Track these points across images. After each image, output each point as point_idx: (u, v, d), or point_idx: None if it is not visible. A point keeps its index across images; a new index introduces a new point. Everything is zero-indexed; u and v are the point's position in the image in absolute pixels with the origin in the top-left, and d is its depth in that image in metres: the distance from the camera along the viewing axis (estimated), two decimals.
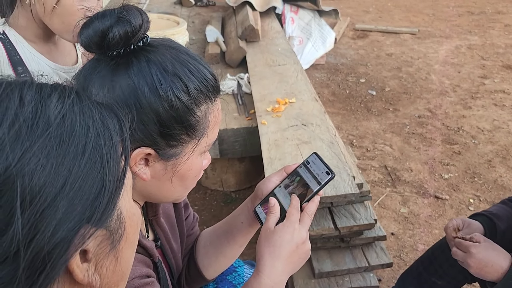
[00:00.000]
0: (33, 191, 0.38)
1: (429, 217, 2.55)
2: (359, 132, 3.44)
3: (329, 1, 6.95)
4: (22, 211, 0.37)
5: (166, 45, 0.74)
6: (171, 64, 0.71)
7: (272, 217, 0.85)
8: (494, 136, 3.37)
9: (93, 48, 0.70)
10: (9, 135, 0.39)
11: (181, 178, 0.78)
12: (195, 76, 0.73)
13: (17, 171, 0.38)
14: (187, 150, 0.76)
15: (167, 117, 0.71)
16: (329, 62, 4.74)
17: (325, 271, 1.72)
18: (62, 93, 0.45)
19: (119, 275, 0.51)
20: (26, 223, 0.38)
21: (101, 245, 0.45)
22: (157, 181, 0.77)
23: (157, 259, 0.87)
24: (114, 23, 0.68)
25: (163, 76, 0.70)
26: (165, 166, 0.75)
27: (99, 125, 0.45)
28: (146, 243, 0.83)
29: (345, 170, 1.77)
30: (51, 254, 0.39)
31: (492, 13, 6.51)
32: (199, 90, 0.73)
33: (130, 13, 0.69)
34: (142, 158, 0.73)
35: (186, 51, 0.76)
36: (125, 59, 0.71)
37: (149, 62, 0.70)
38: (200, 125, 0.75)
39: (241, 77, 2.74)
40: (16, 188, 0.37)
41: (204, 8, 4.50)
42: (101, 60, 0.72)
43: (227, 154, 2.42)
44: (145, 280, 0.77)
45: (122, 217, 0.48)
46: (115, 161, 0.46)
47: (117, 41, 0.68)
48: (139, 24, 0.69)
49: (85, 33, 0.69)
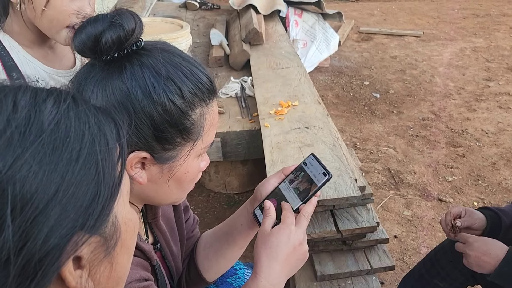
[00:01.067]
0: (24, 198, 0.38)
1: (433, 220, 2.54)
2: (363, 134, 3.44)
3: (333, 4, 6.96)
4: (13, 219, 0.37)
5: (160, 48, 0.74)
6: (164, 67, 0.71)
7: (268, 219, 0.85)
8: (499, 138, 3.35)
9: (87, 53, 0.71)
10: (1, 142, 0.38)
11: (178, 181, 0.78)
12: (189, 79, 0.72)
13: (8, 178, 0.37)
14: (183, 153, 0.76)
15: (161, 121, 0.70)
16: (333, 65, 4.74)
17: (327, 274, 1.72)
18: (58, 97, 0.44)
19: (115, 281, 0.50)
20: (17, 230, 0.37)
21: (95, 252, 0.45)
22: (154, 184, 0.77)
23: (156, 262, 0.86)
24: (107, 28, 0.68)
25: (156, 80, 0.70)
26: (161, 169, 0.75)
27: (95, 130, 0.45)
28: (144, 246, 0.82)
29: (347, 173, 1.77)
30: (43, 261, 0.39)
31: (497, 15, 6.48)
32: (194, 93, 0.73)
33: (123, 17, 0.69)
34: (138, 161, 0.73)
35: (180, 53, 0.75)
36: (119, 63, 0.71)
37: (142, 66, 0.70)
38: (195, 128, 0.75)
39: (245, 80, 2.75)
40: (7, 195, 0.37)
41: (209, 12, 4.52)
42: (95, 64, 0.72)
43: (230, 157, 2.43)
44: (143, 283, 0.76)
45: (117, 223, 0.48)
46: (111, 167, 0.45)
47: (110, 45, 0.68)
48: (132, 28, 0.69)
49: (78, 38, 0.69)
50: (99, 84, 0.70)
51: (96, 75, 0.71)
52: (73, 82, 0.73)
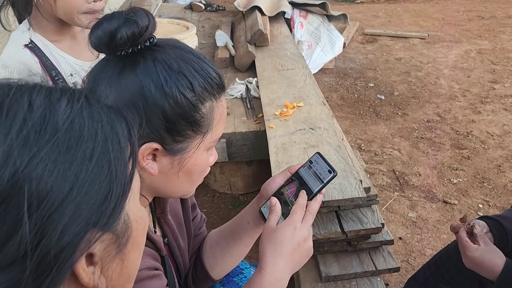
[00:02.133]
0: (40, 196, 0.39)
1: (438, 222, 2.54)
2: (368, 136, 3.44)
3: (338, 6, 6.96)
4: (30, 215, 0.38)
5: (172, 44, 0.77)
6: (176, 62, 0.74)
7: (273, 216, 0.86)
8: (504, 141, 3.34)
9: (103, 48, 0.73)
10: (17, 140, 0.39)
11: (188, 172, 0.80)
12: (200, 73, 0.75)
13: (24, 176, 0.38)
14: (193, 146, 0.78)
15: (173, 113, 0.73)
16: (338, 66, 4.75)
17: (332, 275, 1.72)
18: (72, 97, 0.45)
19: (125, 277, 0.51)
20: (33, 227, 0.38)
21: (107, 249, 0.46)
22: (164, 176, 0.79)
23: (165, 254, 0.89)
24: (122, 24, 0.71)
25: (168, 74, 0.73)
26: (171, 161, 0.78)
27: (107, 129, 0.46)
28: (154, 236, 0.85)
29: (352, 174, 1.77)
30: (58, 257, 0.40)
31: (503, 18, 6.46)
32: (204, 87, 0.76)
33: (137, 14, 0.72)
34: (149, 153, 0.75)
35: (191, 50, 0.78)
36: (132, 58, 0.73)
37: (155, 61, 0.73)
38: (205, 121, 0.77)
39: (250, 81, 2.76)
40: (24, 192, 0.38)
41: (214, 13, 4.54)
42: (110, 59, 0.75)
43: (235, 158, 2.44)
44: (153, 272, 0.79)
45: (128, 220, 0.49)
46: (123, 165, 0.47)
47: (125, 41, 0.71)
48: (145, 25, 0.72)
49: (94, 34, 0.72)
50: (114, 78, 0.73)
51: (111, 70, 0.74)
52: (88, 76, 0.76)
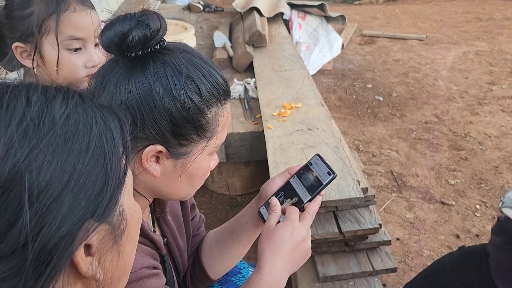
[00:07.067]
0: (40, 186, 0.40)
1: (435, 223, 2.54)
2: (366, 137, 3.45)
3: (336, 7, 6.98)
4: (30, 205, 0.39)
5: (181, 49, 0.78)
6: (185, 67, 0.74)
7: (273, 216, 0.87)
8: (502, 142, 3.35)
9: (113, 49, 0.73)
10: (18, 132, 0.41)
11: (190, 176, 0.81)
12: (207, 79, 0.76)
13: (25, 167, 0.40)
14: (197, 150, 0.79)
15: (179, 117, 0.74)
16: (336, 67, 4.75)
17: (329, 275, 1.73)
18: (66, 94, 0.47)
19: (121, 270, 0.53)
20: (34, 216, 0.40)
21: (104, 240, 0.48)
22: (166, 178, 0.80)
23: (164, 253, 0.89)
24: (134, 26, 0.71)
25: (177, 78, 0.73)
26: (174, 164, 0.78)
27: (101, 124, 0.48)
28: (154, 236, 0.85)
29: (350, 175, 1.78)
30: (57, 246, 0.41)
31: (501, 19, 6.49)
32: (211, 93, 0.76)
33: (150, 17, 0.73)
34: (153, 155, 0.76)
35: (199, 55, 0.79)
36: (142, 60, 0.74)
37: (164, 64, 0.74)
38: (210, 126, 0.78)
39: (248, 82, 2.77)
40: (24, 182, 0.40)
41: (212, 14, 4.54)
42: (119, 60, 0.75)
43: (233, 158, 2.44)
44: (152, 271, 0.80)
45: (124, 213, 0.51)
46: (117, 158, 0.48)
47: (136, 43, 0.72)
48: (157, 28, 0.73)
49: (106, 35, 0.72)
50: (123, 78, 0.73)
51: (120, 70, 0.74)
52: (96, 76, 0.76)
